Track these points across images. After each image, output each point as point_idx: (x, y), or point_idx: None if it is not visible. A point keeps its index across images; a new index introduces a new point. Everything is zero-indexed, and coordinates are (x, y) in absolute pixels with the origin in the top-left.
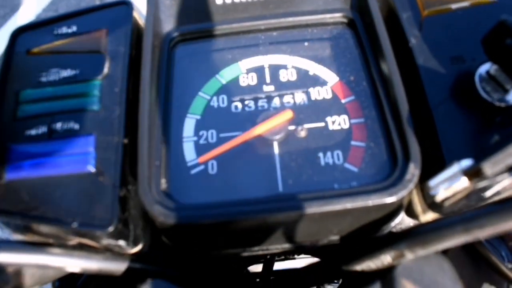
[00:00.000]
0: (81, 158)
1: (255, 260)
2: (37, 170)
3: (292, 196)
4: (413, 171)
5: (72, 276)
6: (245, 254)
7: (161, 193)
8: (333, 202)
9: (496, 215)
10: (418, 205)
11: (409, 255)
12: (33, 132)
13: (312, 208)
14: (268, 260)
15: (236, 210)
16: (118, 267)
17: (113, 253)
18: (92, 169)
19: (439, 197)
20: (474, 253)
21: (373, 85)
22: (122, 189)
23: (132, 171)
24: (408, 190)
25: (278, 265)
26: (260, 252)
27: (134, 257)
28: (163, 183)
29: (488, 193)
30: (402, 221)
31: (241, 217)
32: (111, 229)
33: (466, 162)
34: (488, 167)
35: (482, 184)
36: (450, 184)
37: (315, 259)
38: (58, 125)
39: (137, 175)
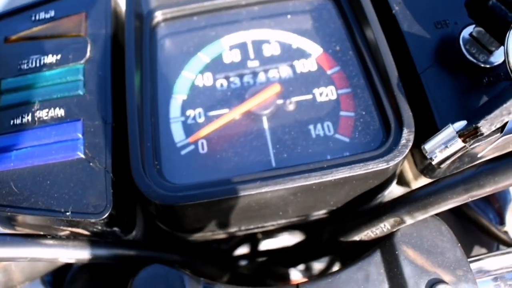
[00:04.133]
0: (69, 145)
1: (247, 240)
2: (24, 160)
3: (286, 170)
4: (407, 136)
5: (61, 270)
6: (241, 233)
7: (155, 174)
8: (331, 172)
9: (496, 172)
10: (409, 172)
11: (408, 220)
12: (17, 121)
13: (309, 180)
14: (259, 240)
15: (230, 188)
16: (113, 255)
17: (107, 241)
18: (81, 155)
19: (436, 160)
20: (462, 217)
21: (359, 54)
22: (114, 174)
23: (122, 155)
24: (403, 155)
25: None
26: (256, 230)
27: (129, 244)
28: (155, 165)
29: (481, 154)
30: (392, 190)
31: (236, 194)
32: (105, 215)
33: (460, 123)
34: (484, 125)
35: (476, 144)
36: (445, 146)
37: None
38: (43, 113)
39: (127, 159)
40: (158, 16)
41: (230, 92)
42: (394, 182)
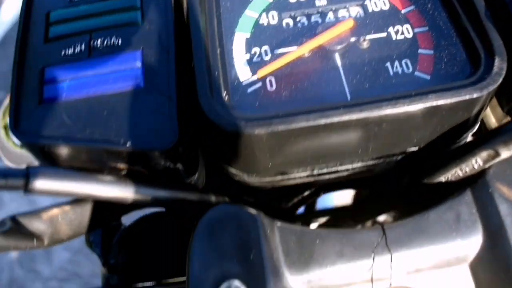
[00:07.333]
0: (128, 74)
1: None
2: (78, 90)
3: (369, 99)
4: (500, 65)
5: (107, 232)
6: (313, 178)
7: (225, 103)
8: (421, 99)
9: None
10: (491, 117)
11: (504, 153)
12: (69, 51)
13: (397, 107)
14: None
15: (310, 115)
16: (175, 197)
17: (169, 182)
18: (141, 84)
19: None
20: None
21: None
22: (178, 104)
23: (186, 87)
24: (497, 83)
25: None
26: (328, 176)
27: (192, 187)
28: (225, 95)
29: None
30: None
31: (317, 122)
32: (172, 146)
33: None
34: None
35: None
36: None
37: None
38: (99, 42)
39: (192, 90)
40: None
41: (297, 31)
42: (478, 122)
